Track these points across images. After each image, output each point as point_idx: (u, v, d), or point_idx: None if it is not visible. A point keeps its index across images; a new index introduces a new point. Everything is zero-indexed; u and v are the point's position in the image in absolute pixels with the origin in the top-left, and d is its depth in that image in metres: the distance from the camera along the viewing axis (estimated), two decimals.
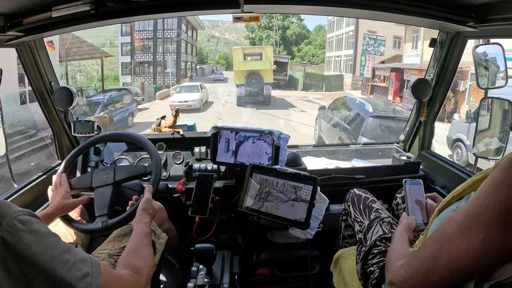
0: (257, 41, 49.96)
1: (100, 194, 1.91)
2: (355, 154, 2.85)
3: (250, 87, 22.61)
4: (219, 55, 59.00)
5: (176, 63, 37.35)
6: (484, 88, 2.38)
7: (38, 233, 0.94)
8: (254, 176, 2.03)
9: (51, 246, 0.95)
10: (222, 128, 2.39)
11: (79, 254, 1.02)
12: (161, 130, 2.64)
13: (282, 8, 2.13)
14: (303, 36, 51.93)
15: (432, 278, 0.98)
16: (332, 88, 33.37)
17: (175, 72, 36.75)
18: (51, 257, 0.93)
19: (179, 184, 2.27)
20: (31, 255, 0.90)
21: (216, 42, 60.15)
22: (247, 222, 2.10)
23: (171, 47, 38.01)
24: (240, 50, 24.19)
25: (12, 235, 0.88)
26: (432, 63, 2.50)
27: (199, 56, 52.41)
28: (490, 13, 1.84)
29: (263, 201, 2.00)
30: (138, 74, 36.48)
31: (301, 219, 1.93)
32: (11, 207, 0.94)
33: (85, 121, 2.56)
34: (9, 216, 0.90)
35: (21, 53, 2.28)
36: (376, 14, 2.09)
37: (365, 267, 1.66)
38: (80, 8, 1.84)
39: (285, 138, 2.27)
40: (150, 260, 1.46)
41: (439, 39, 2.38)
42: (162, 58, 35.85)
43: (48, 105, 2.54)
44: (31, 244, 0.91)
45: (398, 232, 1.43)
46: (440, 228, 1.02)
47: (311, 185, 1.94)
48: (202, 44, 58.12)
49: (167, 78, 35.38)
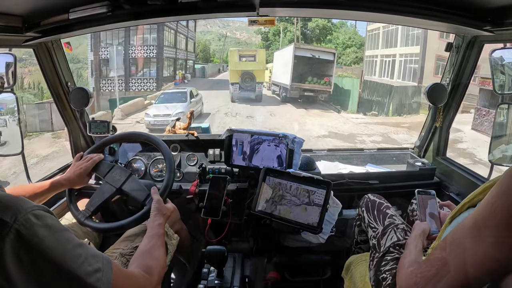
0: (270, 36, 46.57)
1: (102, 190, 1.94)
2: (369, 159, 2.83)
3: (243, 85, 23.71)
4: (227, 53, 58.65)
5: (158, 59, 28.68)
6: (501, 94, 2.34)
7: (51, 228, 0.96)
8: (267, 179, 2.03)
9: (64, 241, 0.98)
10: (236, 130, 2.40)
11: (90, 250, 1.04)
12: (176, 132, 2.66)
13: (297, 11, 2.13)
14: (328, 30, 44.06)
15: (441, 283, 0.98)
16: (404, 110, 21.25)
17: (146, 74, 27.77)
18: (63, 251, 0.96)
19: (192, 185, 2.28)
20: (44, 248, 0.92)
21: (224, 39, 59.49)
22: (259, 225, 2.09)
23: (149, 37, 27.84)
24: (236, 51, 25.85)
25: (27, 229, 0.91)
26: (448, 68, 2.47)
27: (203, 53, 51.19)
28: (507, 17, 1.82)
29: (276, 204, 2.00)
30: (104, 78, 26.18)
31: (314, 223, 1.92)
32: (27, 202, 0.97)
33: (100, 121, 2.58)
34: (25, 211, 0.93)
35: (38, 53, 2.32)
36: (393, 18, 2.08)
37: (378, 274, 1.64)
38: (97, 10, 1.87)
39: (299, 142, 2.27)
40: (162, 261, 1.49)
41: (455, 44, 2.35)
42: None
43: (64, 105, 2.58)
44: (45, 238, 0.93)
45: (412, 238, 1.42)
46: (451, 234, 1.02)
47: (324, 189, 1.93)
48: (212, 44, 57.73)
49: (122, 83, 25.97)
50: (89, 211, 1.89)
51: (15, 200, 0.96)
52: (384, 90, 22.38)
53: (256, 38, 50.41)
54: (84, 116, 2.64)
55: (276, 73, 26.22)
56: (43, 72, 2.43)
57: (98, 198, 1.92)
